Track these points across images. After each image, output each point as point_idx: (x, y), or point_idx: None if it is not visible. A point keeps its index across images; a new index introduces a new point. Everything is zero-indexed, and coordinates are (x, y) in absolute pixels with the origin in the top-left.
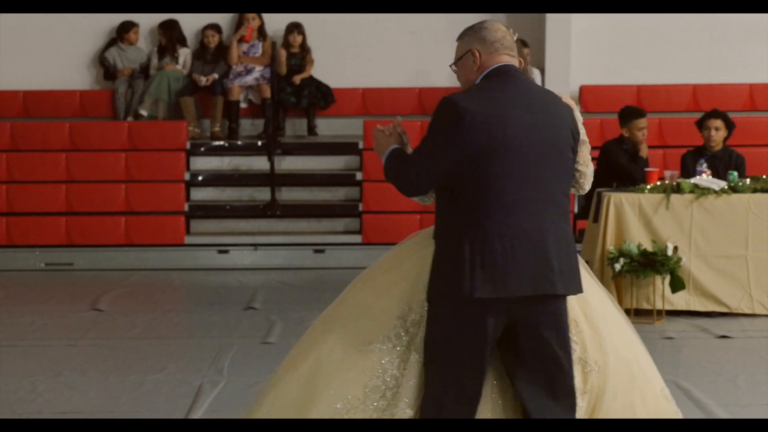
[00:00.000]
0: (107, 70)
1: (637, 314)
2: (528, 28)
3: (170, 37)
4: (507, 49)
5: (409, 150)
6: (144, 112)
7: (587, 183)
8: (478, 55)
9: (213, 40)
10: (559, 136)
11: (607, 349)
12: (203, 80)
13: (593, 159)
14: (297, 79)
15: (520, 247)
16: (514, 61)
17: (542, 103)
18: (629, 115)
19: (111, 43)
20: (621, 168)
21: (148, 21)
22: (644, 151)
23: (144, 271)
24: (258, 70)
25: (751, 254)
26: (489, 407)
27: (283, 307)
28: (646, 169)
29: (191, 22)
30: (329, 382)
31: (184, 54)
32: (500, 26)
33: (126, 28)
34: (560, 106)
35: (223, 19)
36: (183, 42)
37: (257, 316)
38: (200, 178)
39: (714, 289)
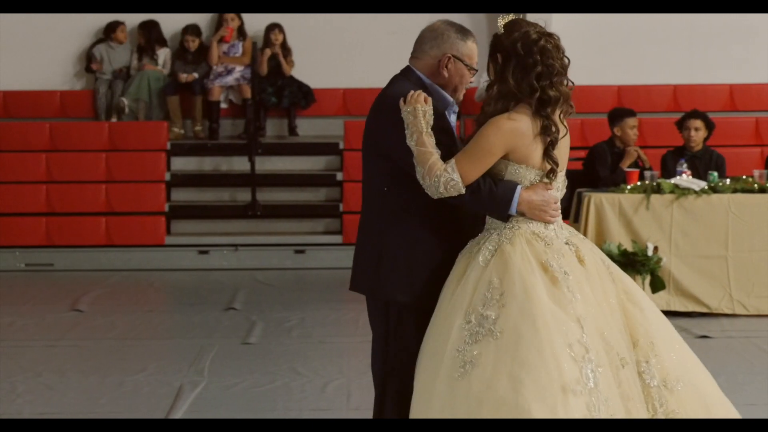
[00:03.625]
0: (90, 64)
1: None
2: None
3: (149, 38)
4: (413, 51)
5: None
6: (126, 101)
7: (425, 186)
8: None
9: (193, 45)
10: (368, 139)
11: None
12: (184, 76)
13: (580, 159)
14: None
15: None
16: (415, 62)
17: (374, 106)
18: (620, 115)
19: (100, 40)
20: (600, 179)
21: (128, 22)
22: (645, 160)
23: (124, 271)
24: (238, 70)
25: (731, 254)
26: None
27: (263, 308)
28: (626, 169)
29: (171, 23)
30: None
31: (164, 54)
32: (425, 28)
33: (113, 27)
34: (380, 108)
35: (203, 20)
36: (162, 42)
37: (238, 316)
38: (180, 176)
39: (694, 290)
